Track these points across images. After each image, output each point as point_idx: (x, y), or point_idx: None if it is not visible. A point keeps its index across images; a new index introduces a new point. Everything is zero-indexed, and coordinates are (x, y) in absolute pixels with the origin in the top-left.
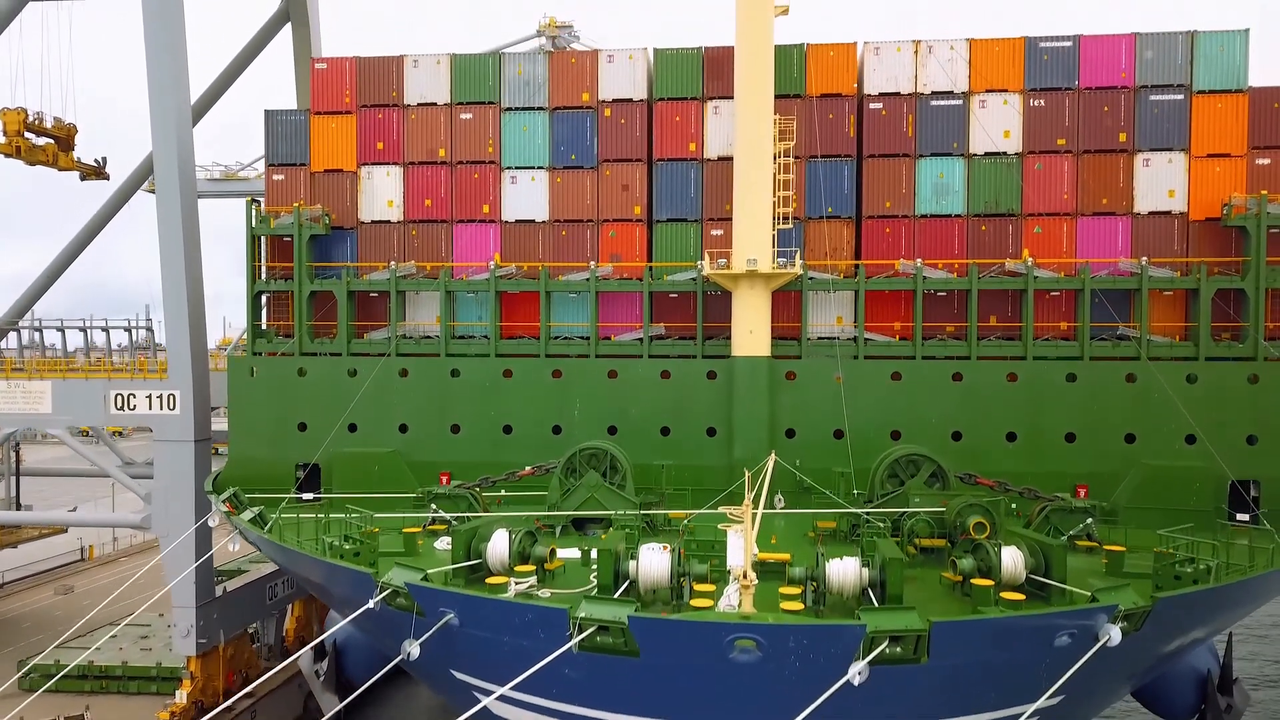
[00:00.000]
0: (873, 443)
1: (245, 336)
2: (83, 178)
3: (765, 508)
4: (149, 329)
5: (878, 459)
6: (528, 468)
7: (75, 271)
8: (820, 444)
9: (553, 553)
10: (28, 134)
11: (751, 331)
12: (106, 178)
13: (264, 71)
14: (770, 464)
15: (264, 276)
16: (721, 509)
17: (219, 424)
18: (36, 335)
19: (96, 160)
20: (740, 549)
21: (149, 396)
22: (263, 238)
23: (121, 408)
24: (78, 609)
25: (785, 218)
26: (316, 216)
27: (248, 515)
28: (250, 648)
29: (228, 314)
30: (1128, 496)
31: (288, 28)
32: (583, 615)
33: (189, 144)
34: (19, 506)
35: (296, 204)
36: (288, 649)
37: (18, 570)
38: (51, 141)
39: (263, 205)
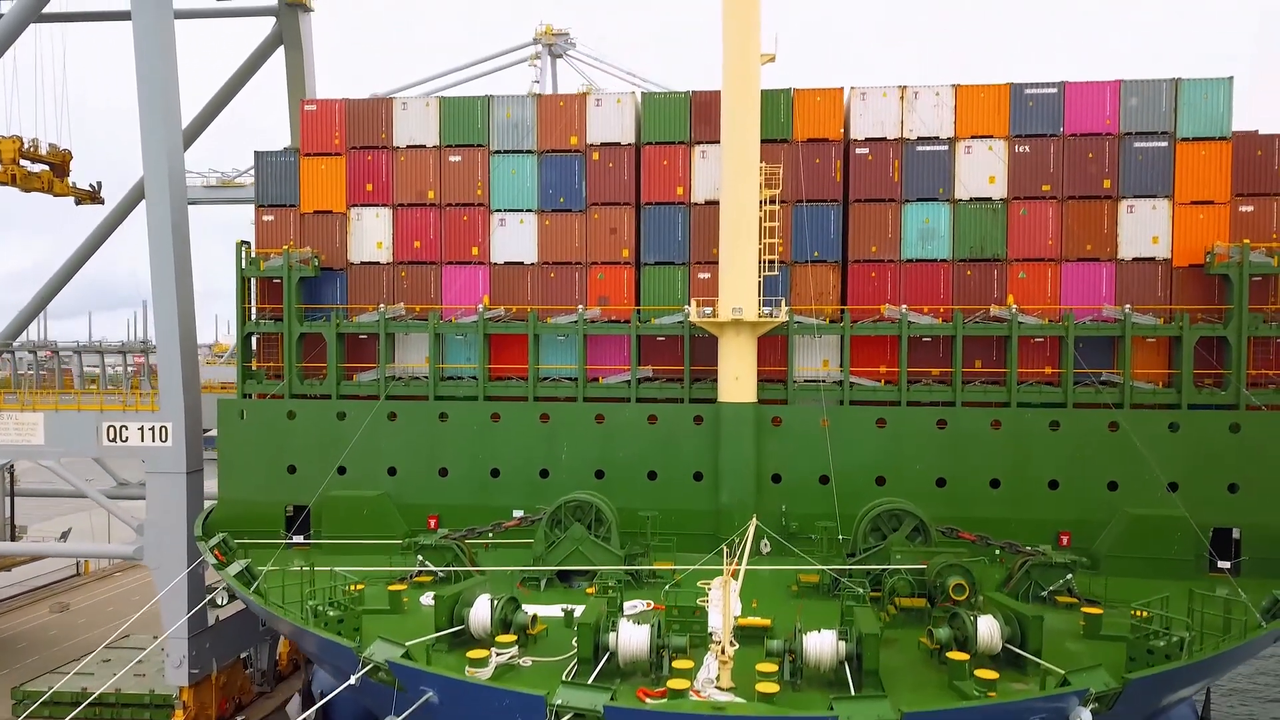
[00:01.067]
0: (858, 488)
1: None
2: (78, 202)
3: (750, 554)
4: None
5: (861, 511)
6: (514, 517)
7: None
8: (806, 489)
9: (534, 619)
10: (23, 161)
11: (738, 378)
12: (101, 202)
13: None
14: (751, 528)
15: (254, 318)
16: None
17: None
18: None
19: (91, 185)
20: (721, 610)
21: (141, 428)
22: (253, 279)
23: (114, 439)
24: (73, 628)
25: (771, 264)
26: (306, 259)
27: (234, 569)
28: (244, 674)
29: (222, 311)
30: (1110, 545)
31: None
32: (559, 703)
33: (180, 179)
34: (13, 527)
35: (286, 246)
36: (281, 674)
37: (12, 588)
38: (47, 168)
39: (252, 246)
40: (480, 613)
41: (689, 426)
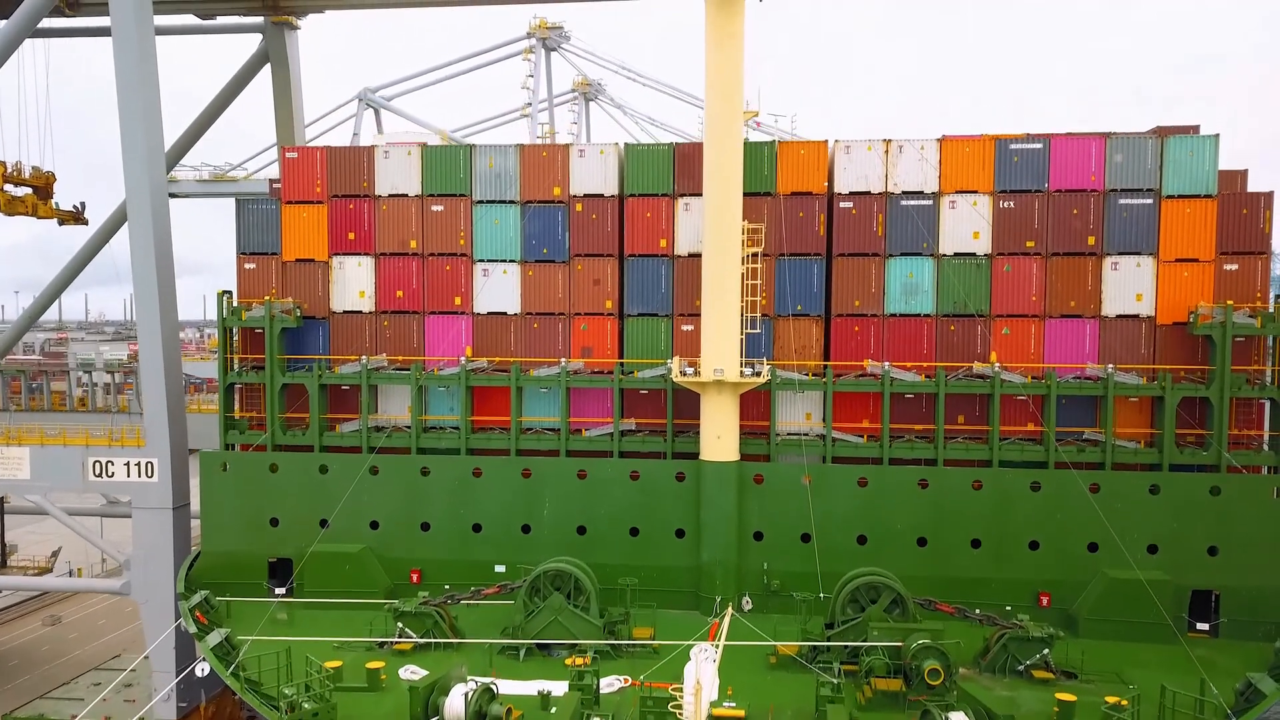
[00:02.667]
0: (839, 547)
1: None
2: (61, 223)
3: (732, 612)
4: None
5: (840, 582)
6: (495, 577)
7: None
8: (787, 547)
9: (509, 712)
10: (6, 186)
11: (720, 437)
12: (85, 222)
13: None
14: (727, 618)
15: (235, 367)
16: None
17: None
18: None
19: (75, 206)
20: (696, 693)
21: (127, 464)
22: (234, 328)
23: (100, 474)
24: (65, 643)
25: (754, 322)
26: (288, 309)
27: (214, 640)
28: (233, 701)
29: (210, 291)
30: (1089, 607)
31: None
32: None
33: (163, 205)
34: (3, 546)
35: (268, 297)
36: None
37: (3, 599)
38: (30, 192)
39: (234, 296)
40: (455, 706)
41: (671, 483)
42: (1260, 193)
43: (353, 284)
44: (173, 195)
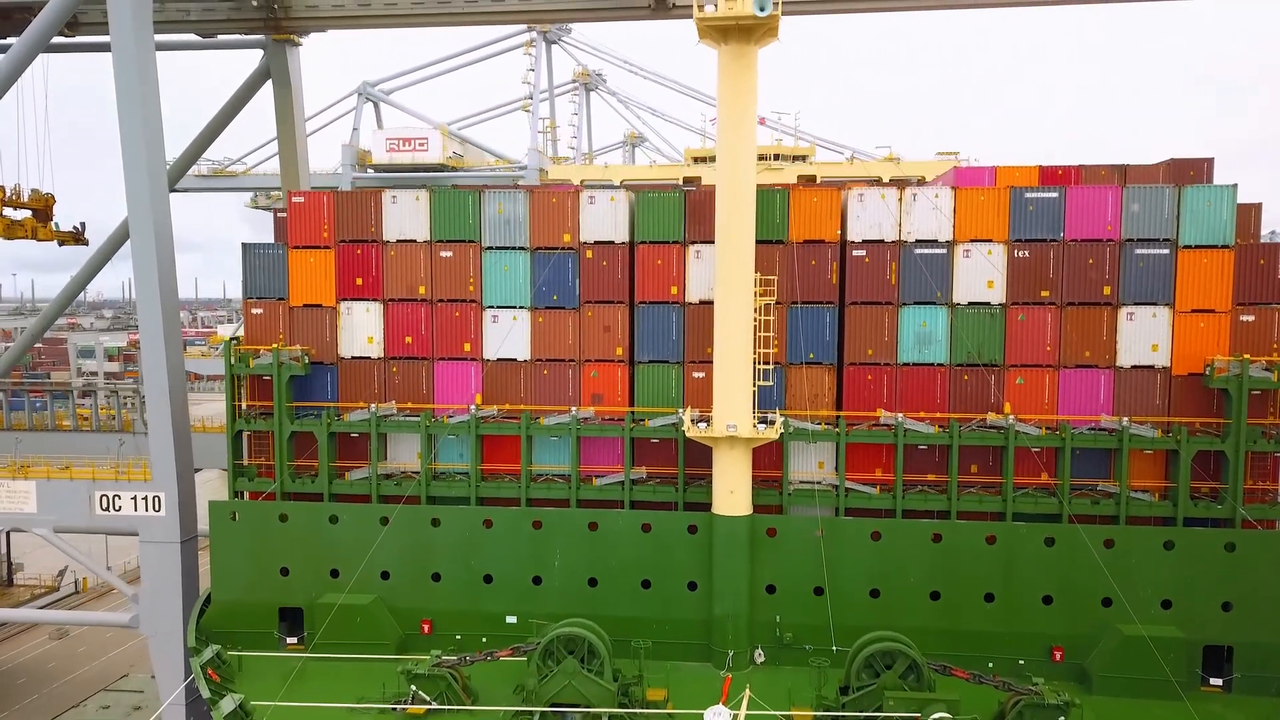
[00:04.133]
0: (852, 600)
1: (241, 334)
2: (61, 244)
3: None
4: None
5: (854, 647)
6: (506, 643)
7: None
8: (800, 600)
9: None
10: (5, 210)
11: (732, 492)
12: (85, 243)
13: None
14: (745, 700)
15: (244, 414)
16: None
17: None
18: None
19: (75, 227)
20: None
21: (134, 498)
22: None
23: (107, 508)
24: (73, 658)
25: (767, 374)
26: (296, 357)
27: (228, 708)
28: None
29: (204, 269)
30: (1102, 664)
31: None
32: None
33: (166, 225)
34: (9, 564)
35: (275, 345)
36: None
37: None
38: (30, 215)
39: (241, 340)
40: None
41: (683, 536)
42: (1278, 244)
43: (361, 330)
44: (173, 190)
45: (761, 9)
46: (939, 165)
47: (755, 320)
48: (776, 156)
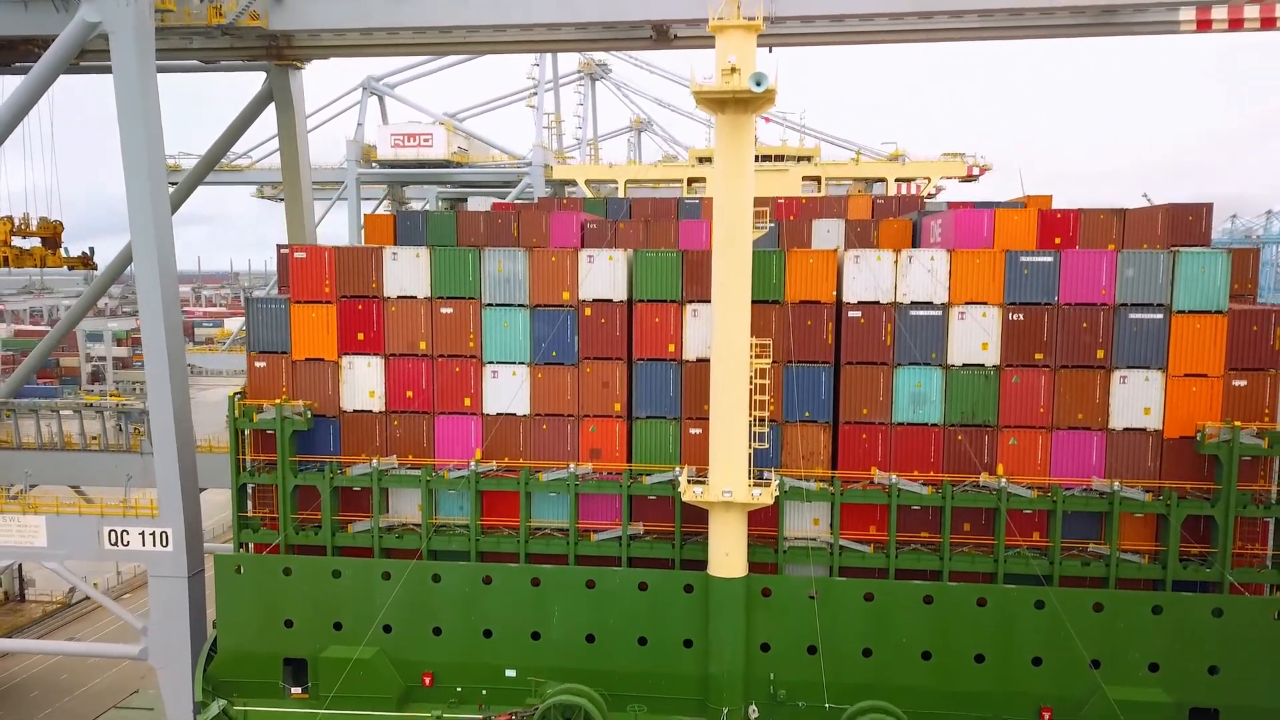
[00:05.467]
0: (845, 659)
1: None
2: (70, 269)
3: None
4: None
5: (845, 717)
6: (504, 714)
7: None
8: (794, 658)
9: None
10: (15, 240)
11: (728, 554)
12: (94, 268)
13: None
14: None
15: (248, 467)
16: None
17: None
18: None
19: (85, 251)
20: None
21: (142, 533)
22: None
23: (115, 544)
24: (84, 670)
25: (762, 436)
26: (299, 412)
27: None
28: None
29: (208, 243)
30: None
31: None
32: None
33: (169, 251)
34: (21, 581)
35: (279, 400)
36: None
37: (21, 620)
38: (39, 243)
39: (246, 395)
40: None
41: (679, 595)
42: (1272, 309)
43: (362, 384)
44: (174, 184)
45: (758, 84)
46: (942, 166)
47: (751, 384)
48: (780, 158)
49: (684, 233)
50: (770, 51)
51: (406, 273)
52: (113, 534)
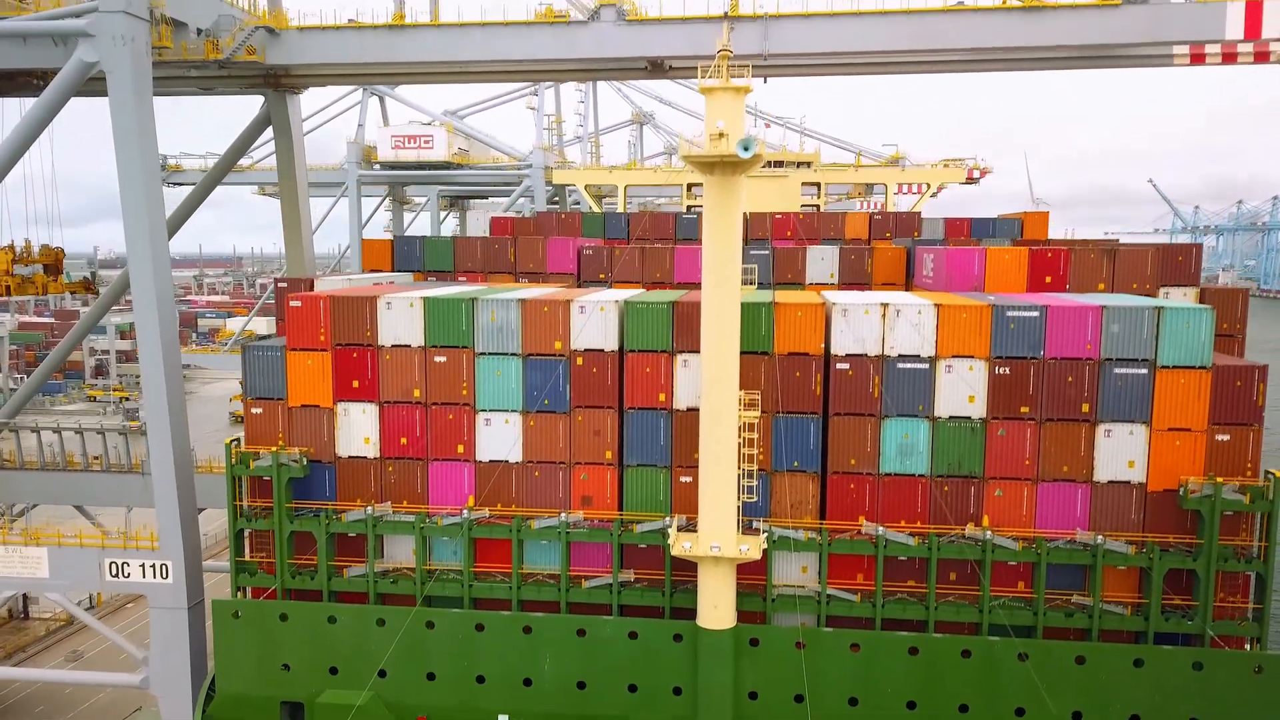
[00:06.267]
0: (831, 708)
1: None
2: (72, 294)
3: None
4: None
5: None
6: None
7: None
8: (782, 708)
9: None
10: (16, 269)
11: (716, 606)
12: (95, 293)
13: None
14: None
15: (245, 512)
16: None
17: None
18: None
19: (85, 277)
20: None
21: (142, 565)
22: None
23: (116, 575)
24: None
25: (750, 489)
26: (295, 460)
27: None
28: None
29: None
30: None
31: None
32: None
33: (166, 277)
34: (25, 597)
35: (275, 448)
36: None
37: (26, 636)
38: (40, 270)
39: (242, 443)
40: None
41: (668, 644)
42: (1255, 365)
43: (358, 430)
44: (178, 184)
45: (745, 149)
46: (942, 174)
47: (740, 437)
48: (780, 164)
49: (680, 262)
50: (765, 81)
51: (400, 321)
52: (113, 565)
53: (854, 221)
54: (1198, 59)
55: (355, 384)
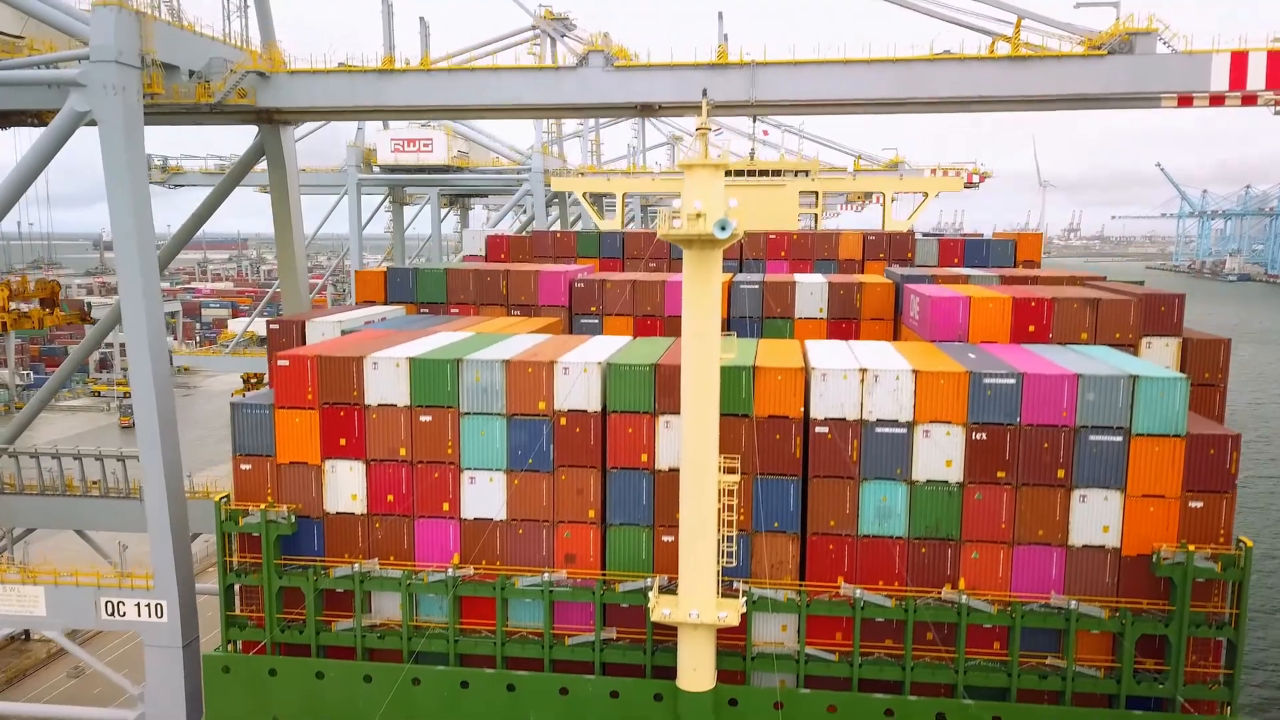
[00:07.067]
0: None
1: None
2: (69, 323)
3: None
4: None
5: None
6: None
7: None
8: None
9: None
10: (13, 304)
11: (695, 669)
12: (92, 322)
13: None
14: None
15: (234, 568)
16: None
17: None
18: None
19: (81, 309)
20: None
21: (137, 604)
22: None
23: (112, 614)
24: (90, 700)
25: (730, 554)
26: (283, 518)
27: None
28: None
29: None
30: None
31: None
32: None
33: (158, 315)
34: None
35: (263, 505)
36: None
37: (29, 659)
38: (36, 305)
39: (231, 499)
40: None
41: (649, 703)
42: (1227, 434)
43: (345, 487)
44: (180, 185)
45: (723, 229)
46: (940, 182)
47: (720, 502)
48: (778, 172)
49: (670, 296)
50: (754, 120)
51: (386, 381)
52: (109, 605)
53: (848, 242)
54: (1185, 102)
55: (342, 442)
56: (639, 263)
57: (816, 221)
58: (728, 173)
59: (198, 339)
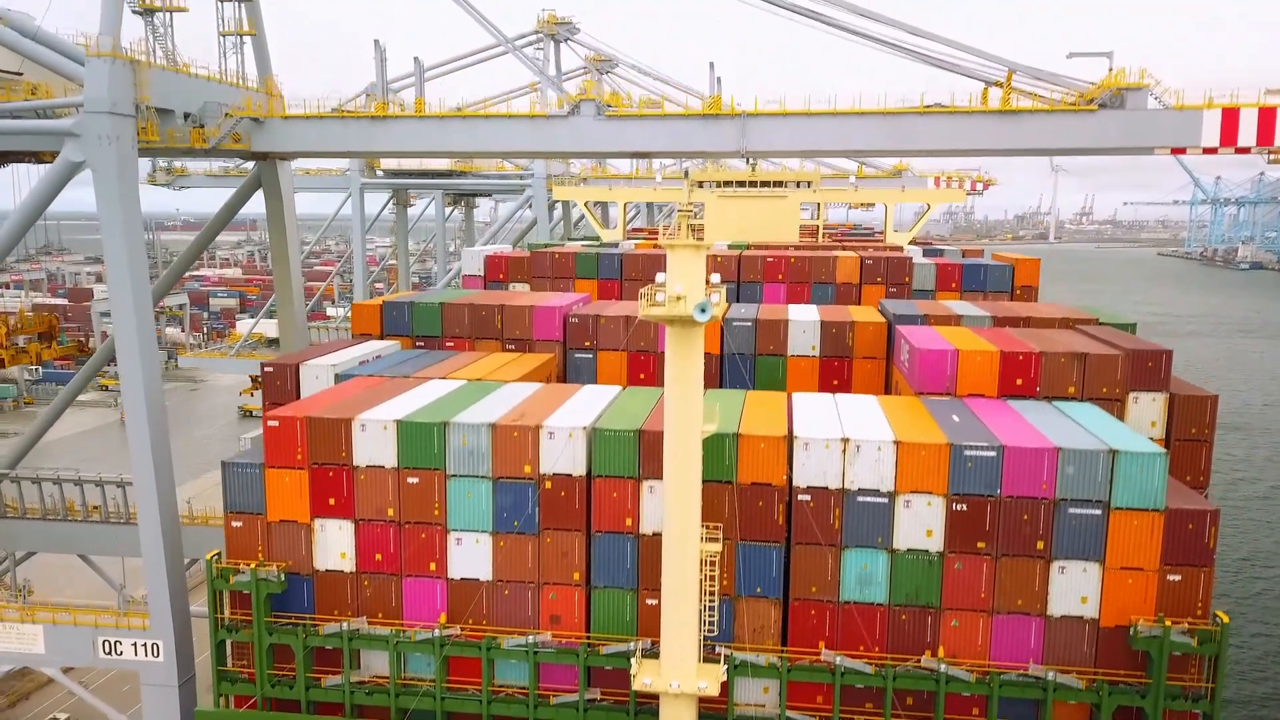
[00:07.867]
0: None
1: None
2: (67, 356)
3: None
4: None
5: None
6: None
7: None
8: None
9: None
10: (10, 339)
11: None
12: (90, 353)
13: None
14: None
15: (225, 624)
16: None
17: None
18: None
19: (79, 340)
20: None
21: (134, 644)
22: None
23: (109, 653)
24: (96, 716)
25: (713, 624)
26: (273, 576)
27: None
28: None
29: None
30: None
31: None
32: None
33: (153, 356)
34: None
35: (254, 564)
36: None
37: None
38: (35, 340)
39: (223, 555)
40: None
41: None
42: (1205, 510)
43: (334, 546)
44: (184, 187)
45: (703, 311)
46: (942, 194)
47: (702, 571)
48: (780, 184)
49: (663, 334)
50: (747, 162)
51: (374, 443)
52: (106, 644)
53: (845, 266)
54: (1178, 151)
55: (331, 501)
56: (636, 284)
57: (819, 233)
58: (730, 184)
59: (205, 330)
